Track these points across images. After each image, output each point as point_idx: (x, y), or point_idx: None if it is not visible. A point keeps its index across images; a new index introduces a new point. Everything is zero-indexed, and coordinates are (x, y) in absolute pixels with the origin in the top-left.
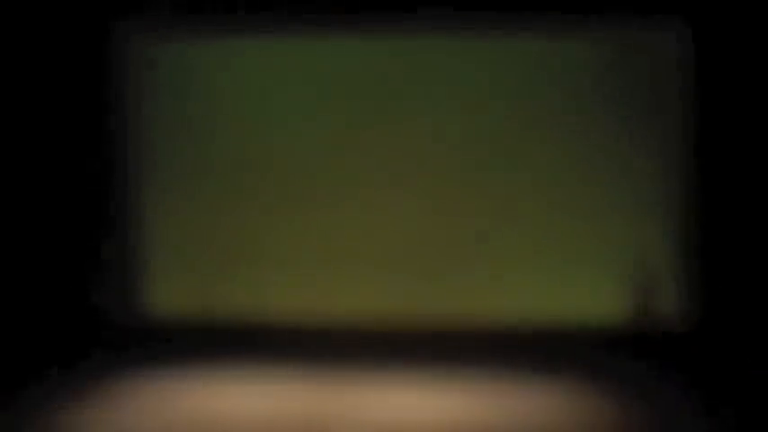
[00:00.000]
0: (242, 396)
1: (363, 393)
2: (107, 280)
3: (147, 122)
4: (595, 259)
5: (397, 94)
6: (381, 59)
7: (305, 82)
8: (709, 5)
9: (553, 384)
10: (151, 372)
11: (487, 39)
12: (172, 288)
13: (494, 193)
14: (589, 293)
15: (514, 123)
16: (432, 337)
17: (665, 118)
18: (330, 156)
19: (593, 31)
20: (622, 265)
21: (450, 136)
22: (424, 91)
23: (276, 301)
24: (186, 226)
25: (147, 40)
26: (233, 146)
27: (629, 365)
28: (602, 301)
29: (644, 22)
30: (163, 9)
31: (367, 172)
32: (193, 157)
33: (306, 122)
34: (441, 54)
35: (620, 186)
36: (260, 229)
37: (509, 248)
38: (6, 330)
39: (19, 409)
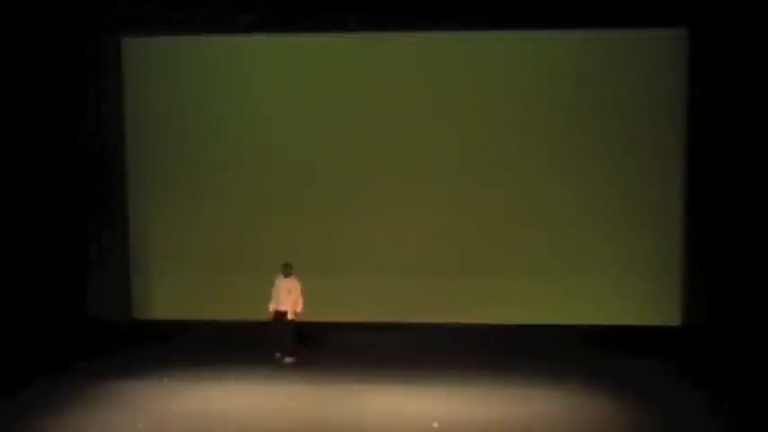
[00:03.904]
0: (236, 396)
1: (362, 393)
2: (101, 283)
3: (140, 125)
4: (596, 261)
5: (401, 93)
6: (383, 58)
7: (301, 81)
8: (709, 11)
9: (554, 384)
10: (145, 373)
11: (495, 39)
12: (166, 291)
13: (490, 194)
14: (590, 295)
15: (515, 123)
16: (432, 339)
17: (668, 118)
18: (328, 156)
19: (595, 33)
20: (624, 267)
21: (452, 138)
22: (428, 89)
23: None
24: (180, 229)
25: (135, 41)
26: (226, 148)
27: (629, 365)
28: (602, 303)
29: (646, 26)
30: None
31: (368, 174)
32: (186, 162)
33: (303, 122)
34: (444, 53)
35: (622, 188)
36: (255, 231)
37: (510, 251)
38: (3, 333)
39: (16, 410)
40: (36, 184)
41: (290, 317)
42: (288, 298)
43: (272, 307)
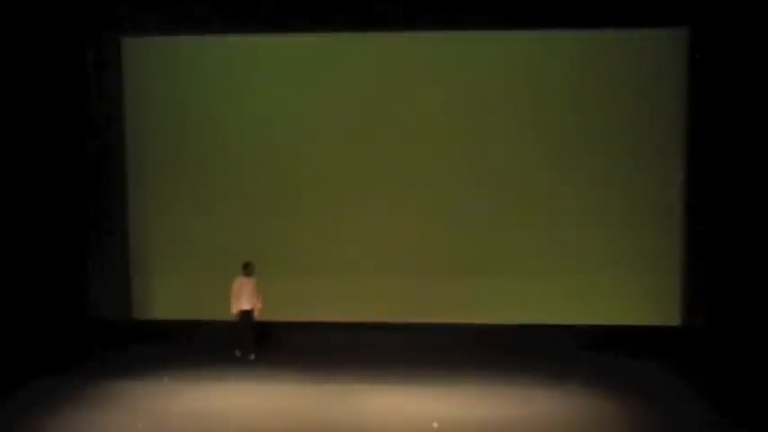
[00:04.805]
0: (236, 396)
1: (362, 393)
2: (101, 283)
3: (140, 125)
4: (596, 261)
5: (401, 92)
6: (382, 58)
7: (301, 81)
8: (710, 11)
9: (554, 384)
10: (145, 373)
11: (494, 39)
12: (166, 291)
13: (489, 194)
14: (590, 295)
15: (515, 123)
16: (432, 339)
17: (668, 118)
18: (328, 156)
19: (596, 33)
20: (624, 267)
21: (450, 135)
22: (426, 89)
23: (272, 302)
24: (180, 229)
25: (135, 41)
26: (225, 148)
27: (629, 365)
28: (602, 303)
29: (646, 26)
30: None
31: (368, 173)
32: (186, 162)
33: (303, 122)
34: (444, 53)
35: (622, 188)
36: (255, 231)
37: (510, 251)
38: (4, 333)
39: (16, 410)
40: (36, 184)
41: (257, 315)
42: (253, 297)
43: (235, 307)
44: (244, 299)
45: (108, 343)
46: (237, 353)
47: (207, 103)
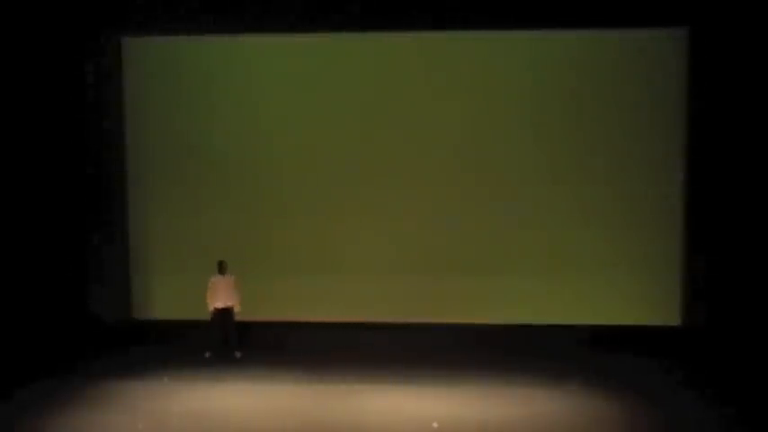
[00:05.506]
0: (236, 396)
1: (362, 393)
2: (101, 283)
3: (140, 126)
4: (596, 261)
5: (401, 92)
6: (383, 58)
7: (301, 81)
8: (709, 11)
9: (554, 384)
10: (145, 373)
11: (494, 40)
12: (166, 291)
13: (490, 194)
14: (590, 295)
15: (515, 123)
16: (432, 339)
17: (668, 118)
18: (328, 156)
19: (596, 33)
20: (624, 267)
21: (451, 133)
22: (425, 89)
23: (272, 302)
24: (180, 229)
25: (135, 41)
26: (226, 148)
27: (629, 365)
28: (602, 303)
29: (646, 26)
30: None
31: (368, 174)
32: (186, 162)
33: (303, 122)
34: (443, 53)
35: (622, 188)
36: (255, 231)
37: (508, 251)
38: (4, 333)
39: (17, 410)
40: (36, 185)
41: (237, 312)
42: (231, 295)
43: (212, 306)
44: (219, 297)
45: (108, 343)
46: (237, 354)
47: (207, 103)
